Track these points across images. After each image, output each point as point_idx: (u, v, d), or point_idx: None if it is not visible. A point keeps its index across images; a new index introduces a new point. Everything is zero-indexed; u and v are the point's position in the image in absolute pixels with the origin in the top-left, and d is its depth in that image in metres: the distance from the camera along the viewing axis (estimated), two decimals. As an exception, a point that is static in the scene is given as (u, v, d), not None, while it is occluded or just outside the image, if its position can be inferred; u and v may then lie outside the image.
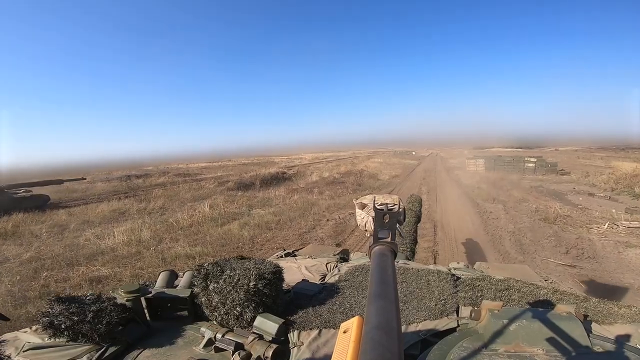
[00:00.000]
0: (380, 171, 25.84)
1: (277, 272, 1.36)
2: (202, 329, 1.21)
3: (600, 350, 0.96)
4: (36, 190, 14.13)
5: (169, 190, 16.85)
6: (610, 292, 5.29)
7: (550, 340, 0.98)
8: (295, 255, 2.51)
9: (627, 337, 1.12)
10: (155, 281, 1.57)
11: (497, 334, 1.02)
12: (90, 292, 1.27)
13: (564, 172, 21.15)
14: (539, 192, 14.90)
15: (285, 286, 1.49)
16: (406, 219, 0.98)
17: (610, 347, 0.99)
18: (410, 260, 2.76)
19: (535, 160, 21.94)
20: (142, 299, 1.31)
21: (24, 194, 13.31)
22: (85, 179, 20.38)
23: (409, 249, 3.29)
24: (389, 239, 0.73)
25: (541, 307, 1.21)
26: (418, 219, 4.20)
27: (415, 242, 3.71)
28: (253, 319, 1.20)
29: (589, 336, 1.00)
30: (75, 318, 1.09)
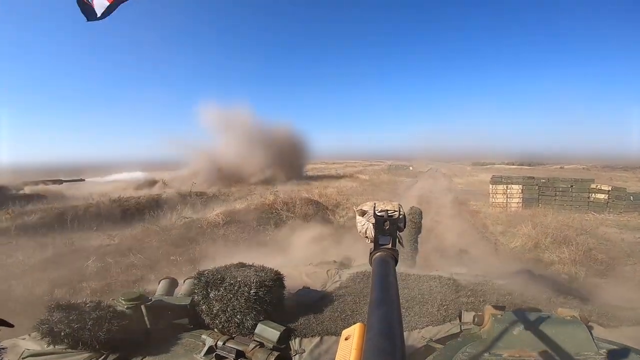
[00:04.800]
0: (339, 205, 13.25)
1: (278, 280, 1.36)
2: (203, 336, 1.20)
3: (606, 353, 0.95)
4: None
5: None
6: None
7: (554, 344, 0.97)
8: None
9: (632, 339, 1.11)
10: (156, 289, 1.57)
11: (501, 338, 1.01)
12: (90, 300, 1.27)
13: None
14: None
15: (286, 293, 1.49)
16: (406, 228, 0.97)
17: (615, 350, 0.98)
18: (411, 268, 2.76)
19: (609, 189, 12.61)
20: (142, 306, 1.30)
21: (25, 192, 13.39)
22: (84, 180, 19.85)
23: (409, 257, 3.31)
24: (389, 246, 0.73)
25: (545, 311, 1.21)
26: (418, 230, 4.28)
27: (416, 251, 3.77)
28: (254, 326, 1.20)
29: (593, 340, 0.99)
30: (75, 325, 1.09)
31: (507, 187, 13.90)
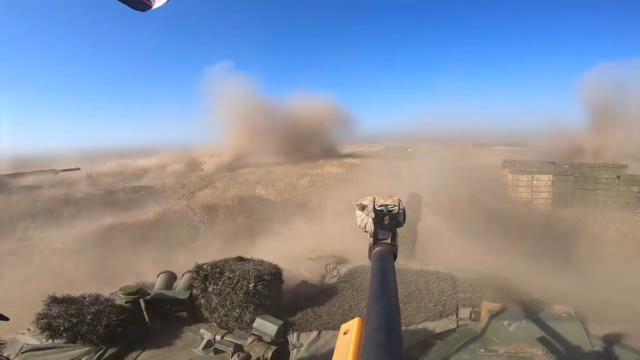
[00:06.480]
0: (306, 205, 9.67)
1: (277, 274, 1.36)
2: (201, 330, 1.21)
3: (600, 350, 0.97)
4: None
5: None
6: None
7: (550, 341, 0.98)
8: None
9: (627, 337, 1.13)
10: (154, 283, 1.57)
11: (497, 334, 1.02)
12: (89, 294, 1.27)
13: None
14: None
15: (284, 287, 1.49)
16: (406, 220, 0.97)
17: (610, 347, 0.99)
18: (409, 260, 2.77)
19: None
20: (141, 300, 1.30)
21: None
22: (79, 169, 19.53)
23: (407, 248, 3.31)
24: (389, 240, 0.73)
25: (541, 308, 1.22)
26: (417, 218, 4.25)
27: (414, 242, 3.74)
28: (252, 320, 1.20)
29: (588, 337, 1.01)
30: (74, 320, 1.09)
31: (532, 177, 10.10)
